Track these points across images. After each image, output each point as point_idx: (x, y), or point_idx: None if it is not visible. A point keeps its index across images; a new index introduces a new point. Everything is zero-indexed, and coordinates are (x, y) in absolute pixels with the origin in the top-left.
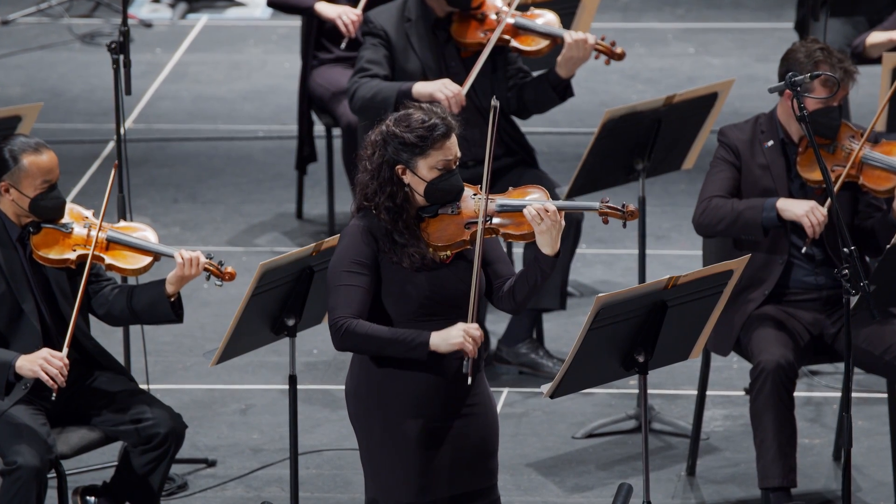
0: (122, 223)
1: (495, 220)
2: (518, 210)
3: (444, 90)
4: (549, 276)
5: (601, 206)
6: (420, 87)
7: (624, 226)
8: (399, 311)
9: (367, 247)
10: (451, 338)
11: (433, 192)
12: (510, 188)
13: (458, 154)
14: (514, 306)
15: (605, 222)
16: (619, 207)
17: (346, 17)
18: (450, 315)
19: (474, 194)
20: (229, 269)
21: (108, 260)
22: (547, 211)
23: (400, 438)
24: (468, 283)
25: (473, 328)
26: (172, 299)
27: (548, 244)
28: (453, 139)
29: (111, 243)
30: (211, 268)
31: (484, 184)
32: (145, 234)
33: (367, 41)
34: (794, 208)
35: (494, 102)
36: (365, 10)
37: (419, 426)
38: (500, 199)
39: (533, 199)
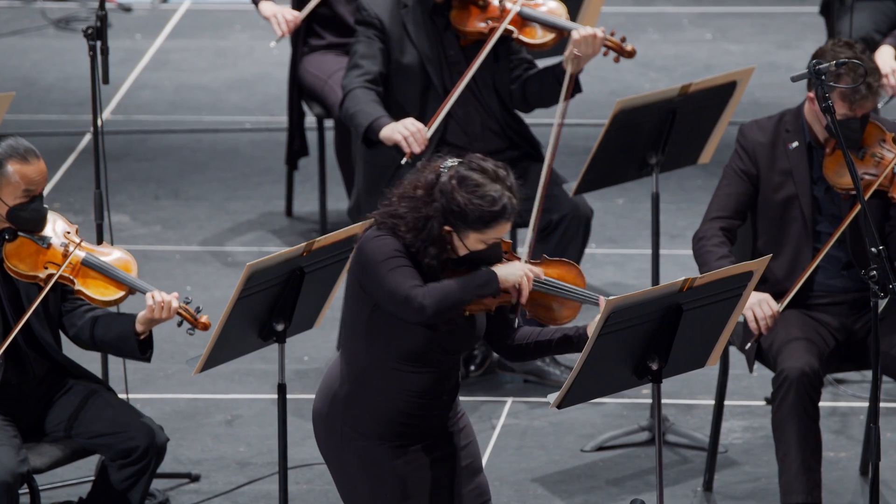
0: (104, 248)
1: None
2: (555, 295)
3: (402, 130)
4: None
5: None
6: (386, 132)
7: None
8: (393, 343)
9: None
10: (512, 274)
11: (473, 258)
12: (543, 255)
13: (508, 228)
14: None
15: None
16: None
17: (281, 16)
18: (435, 365)
19: (505, 252)
20: (203, 319)
21: (78, 286)
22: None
23: (380, 467)
24: (470, 340)
25: (537, 268)
26: (142, 337)
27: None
28: (511, 219)
29: (85, 268)
30: (185, 314)
31: (526, 250)
32: (126, 261)
33: (361, 32)
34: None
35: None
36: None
37: (401, 451)
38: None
39: (571, 287)
